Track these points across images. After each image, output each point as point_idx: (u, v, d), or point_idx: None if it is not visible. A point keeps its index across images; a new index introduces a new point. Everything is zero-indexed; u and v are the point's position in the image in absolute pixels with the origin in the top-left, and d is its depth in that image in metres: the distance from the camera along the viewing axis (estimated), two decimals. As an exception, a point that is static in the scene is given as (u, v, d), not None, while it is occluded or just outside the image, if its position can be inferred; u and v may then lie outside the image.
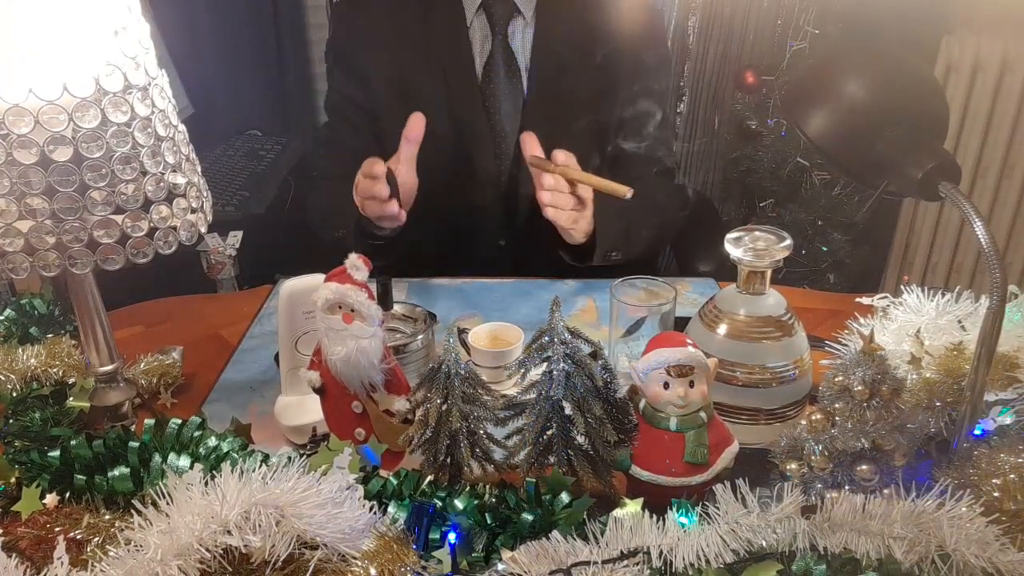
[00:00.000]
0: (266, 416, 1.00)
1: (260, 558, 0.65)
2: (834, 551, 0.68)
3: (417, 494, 0.76)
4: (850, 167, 0.88)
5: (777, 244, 0.90)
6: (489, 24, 1.43)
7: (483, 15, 1.43)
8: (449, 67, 1.43)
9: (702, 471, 0.78)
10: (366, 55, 1.45)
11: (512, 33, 1.43)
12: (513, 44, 1.44)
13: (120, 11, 0.79)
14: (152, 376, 1.05)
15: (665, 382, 0.77)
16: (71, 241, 0.78)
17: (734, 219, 2.50)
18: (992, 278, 0.73)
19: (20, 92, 0.73)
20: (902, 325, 0.97)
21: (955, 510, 0.69)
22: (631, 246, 1.40)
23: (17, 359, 1.00)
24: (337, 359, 0.81)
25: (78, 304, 0.90)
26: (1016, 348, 0.91)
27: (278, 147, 2.42)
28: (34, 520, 0.74)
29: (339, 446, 0.77)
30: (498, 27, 1.43)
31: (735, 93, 2.38)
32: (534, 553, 0.68)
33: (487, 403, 0.80)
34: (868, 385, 0.73)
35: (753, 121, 2.31)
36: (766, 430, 0.91)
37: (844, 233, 2.27)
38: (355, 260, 0.81)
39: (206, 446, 0.80)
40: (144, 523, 0.66)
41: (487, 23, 1.43)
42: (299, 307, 0.97)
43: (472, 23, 1.43)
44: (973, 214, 0.73)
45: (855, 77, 0.86)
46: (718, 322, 0.92)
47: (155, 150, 0.81)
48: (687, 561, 0.67)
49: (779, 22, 2.26)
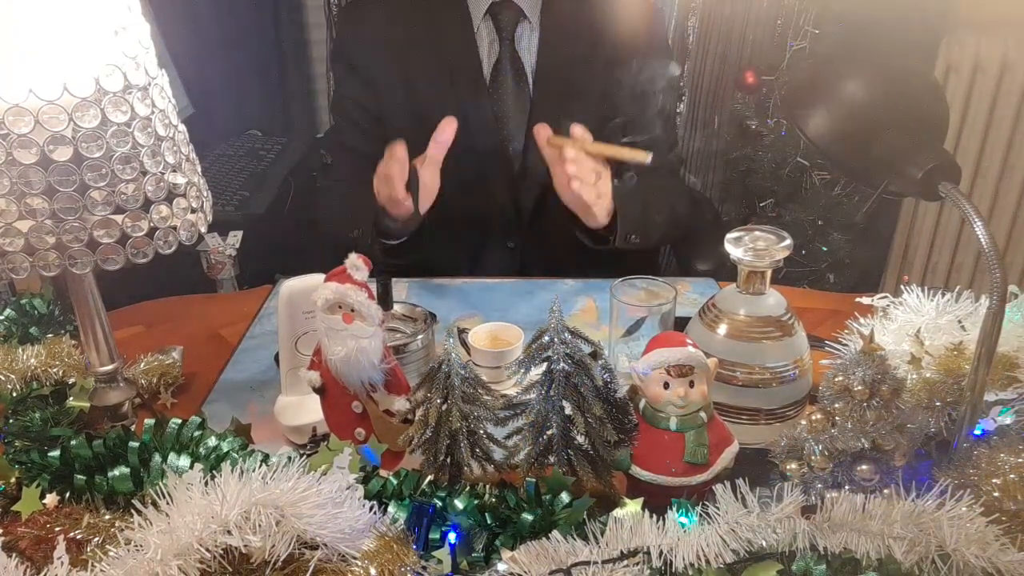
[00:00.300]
0: (266, 416, 1.00)
1: (260, 558, 0.65)
2: (834, 551, 0.68)
3: (417, 494, 0.76)
4: (850, 167, 0.88)
5: (777, 244, 0.90)
6: (496, 29, 1.44)
7: (490, 20, 1.44)
8: (457, 71, 1.44)
9: (702, 471, 0.78)
10: (373, 59, 1.46)
11: (519, 37, 1.44)
12: (519, 48, 1.45)
13: (120, 11, 0.78)
14: (152, 376, 1.05)
15: (665, 382, 0.77)
16: (71, 241, 0.78)
17: (734, 219, 2.50)
18: (992, 278, 0.73)
19: (20, 92, 0.73)
20: (902, 325, 0.97)
21: (955, 510, 0.69)
22: (649, 230, 1.40)
23: (17, 359, 1.00)
24: (337, 359, 0.81)
25: (78, 304, 0.90)
26: (1016, 348, 0.91)
27: (278, 147, 2.42)
28: (34, 520, 0.73)
29: (339, 446, 0.77)
30: (505, 32, 1.44)
31: (735, 93, 2.38)
32: (534, 553, 0.68)
33: (487, 403, 0.80)
34: (868, 385, 0.73)
35: (753, 121, 2.30)
36: (766, 430, 0.91)
37: (844, 233, 2.27)
38: (355, 260, 0.81)
39: (206, 446, 0.80)
40: (144, 523, 0.66)
41: (494, 28, 1.44)
42: (299, 307, 0.98)
43: (479, 28, 1.44)
44: (973, 214, 0.73)
45: (855, 77, 0.86)
46: (718, 322, 0.92)
47: (155, 150, 0.81)
48: (687, 561, 0.67)
49: (779, 22, 2.25)
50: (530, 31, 1.45)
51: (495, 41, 1.45)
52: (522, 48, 1.45)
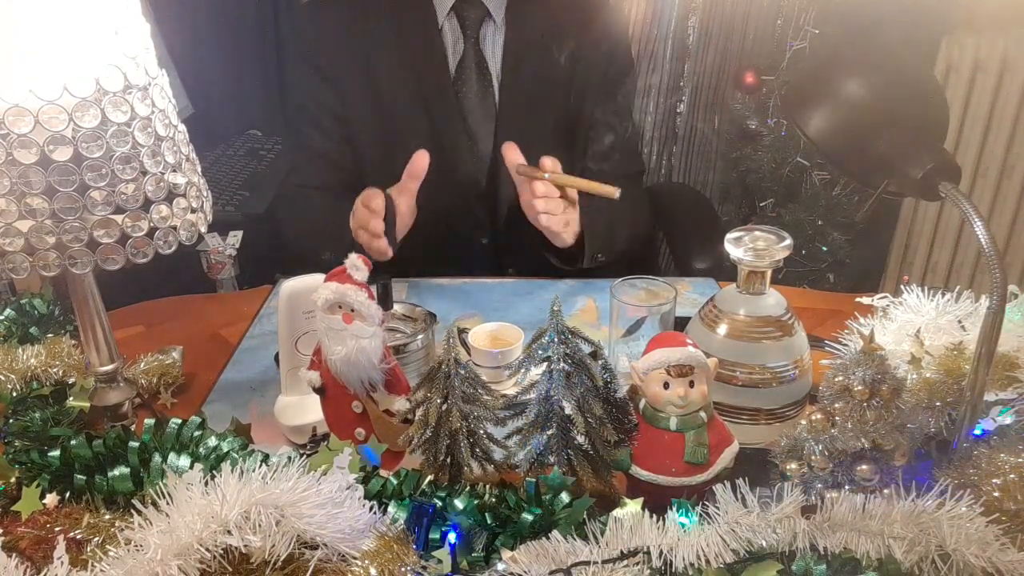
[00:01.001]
0: (266, 416, 1.00)
1: (260, 558, 0.65)
2: (834, 551, 0.68)
3: (417, 494, 0.76)
4: (850, 167, 0.88)
5: (777, 244, 0.90)
6: (460, 28, 1.44)
7: (454, 18, 1.43)
8: (422, 70, 1.43)
9: (702, 471, 0.78)
10: (337, 57, 1.45)
11: (483, 37, 1.44)
12: (484, 48, 1.44)
13: (120, 11, 0.78)
14: (152, 376, 1.05)
15: (665, 382, 0.77)
16: (71, 241, 0.78)
17: (734, 219, 2.50)
18: (992, 278, 0.73)
19: (20, 92, 0.73)
20: (902, 325, 0.97)
21: (955, 510, 0.69)
22: (613, 245, 1.42)
23: (17, 359, 1.00)
24: (337, 359, 0.81)
25: (78, 304, 0.90)
26: (1016, 348, 0.91)
27: (278, 147, 2.42)
28: (34, 520, 0.74)
29: (339, 446, 0.77)
30: (470, 31, 1.43)
31: (735, 93, 2.38)
32: (534, 553, 0.68)
33: (487, 403, 0.80)
34: (868, 385, 0.73)
35: (753, 121, 2.30)
36: (766, 430, 0.91)
37: (844, 233, 2.27)
38: (355, 260, 0.81)
39: (206, 446, 0.80)
40: (144, 523, 0.66)
41: (458, 26, 1.44)
42: (299, 307, 0.98)
43: (443, 26, 1.43)
44: (973, 214, 0.73)
45: (855, 77, 0.86)
46: (718, 322, 0.92)
47: (155, 150, 0.81)
48: (687, 561, 0.67)
49: (779, 22, 2.25)
50: (495, 31, 1.44)
51: (460, 40, 1.44)
52: (487, 48, 1.44)
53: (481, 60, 1.44)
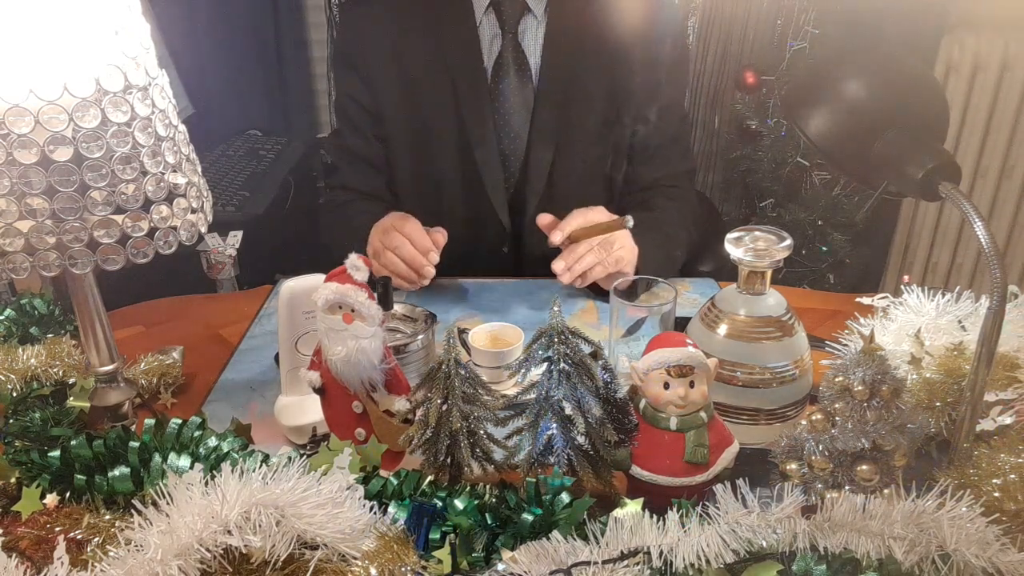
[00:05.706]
0: (266, 416, 1.00)
1: (260, 558, 0.65)
2: (834, 551, 0.68)
3: (417, 494, 0.76)
4: (850, 167, 0.88)
5: (777, 244, 0.90)
6: (499, 22, 1.40)
7: (492, 14, 1.40)
8: (457, 67, 1.40)
9: (702, 471, 0.78)
10: (372, 55, 1.42)
11: (523, 31, 1.40)
12: (524, 43, 1.40)
13: (120, 11, 0.78)
14: (152, 376, 1.05)
15: (665, 382, 0.77)
16: (71, 241, 0.78)
17: (734, 219, 2.50)
18: (992, 278, 0.73)
19: (20, 92, 0.73)
20: (902, 325, 0.97)
21: (955, 510, 0.69)
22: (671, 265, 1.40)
23: (17, 359, 1.00)
24: (337, 359, 0.81)
25: (78, 304, 0.90)
26: (1016, 348, 0.91)
27: (278, 147, 2.42)
28: (34, 520, 0.73)
29: (339, 446, 0.77)
30: (508, 25, 1.40)
31: (735, 93, 2.38)
32: (534, 553, 0.68)
33: (487, 403, 0.80)
34: (868, 385, 0.73)
35: (753, 121, 2.30)
36: (766, 430, 0.91)
37: (844, 233, 2.27)
38: (355, 260, 0.81)
39: (206, 446, 0.80)
40: (144, 523, 0.66)
41: (496, 21, 1.40)
42: (299, 307, 0.97)
43: (481, 22, 1.40)
44: (973, 214, 0.73)
45: (855, 77, 0.86)
46: (718, 322, 0.92)
47: (155, 150, 0.81)
48: (687, 561, 0.67)
49: (779, 22, 2.25)
50: (535, 25, 1.40)
51: (497, 36, 1.40)
52: (526, 43, 1.40)
53: (520, 55, 1.40)
